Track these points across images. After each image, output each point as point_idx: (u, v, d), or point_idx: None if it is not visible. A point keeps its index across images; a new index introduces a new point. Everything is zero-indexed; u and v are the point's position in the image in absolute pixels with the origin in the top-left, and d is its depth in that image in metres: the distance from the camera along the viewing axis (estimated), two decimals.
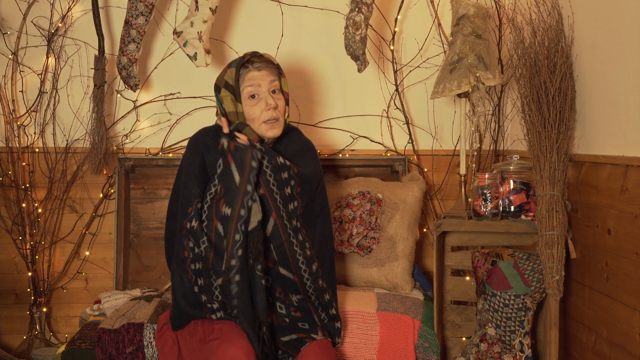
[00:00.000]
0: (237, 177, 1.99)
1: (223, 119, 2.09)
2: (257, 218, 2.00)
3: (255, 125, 2.09)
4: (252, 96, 2.08)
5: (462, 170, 2.64)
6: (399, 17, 2.97)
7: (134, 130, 2.99)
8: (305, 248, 2.13)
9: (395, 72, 2.99)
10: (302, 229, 2.14)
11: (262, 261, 2.00)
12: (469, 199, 2.54)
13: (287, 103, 2.16)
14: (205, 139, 2.13)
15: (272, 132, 2.10)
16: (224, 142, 2.02)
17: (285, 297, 2.10)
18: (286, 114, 2.16)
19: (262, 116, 2.08)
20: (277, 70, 2.13)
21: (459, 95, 2.60)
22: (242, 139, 2.03)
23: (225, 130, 2.06)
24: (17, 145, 2.93)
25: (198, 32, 2.58)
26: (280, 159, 2.08)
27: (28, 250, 2.91)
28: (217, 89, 2.11)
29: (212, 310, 2.04)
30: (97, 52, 2.80)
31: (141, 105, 2.98)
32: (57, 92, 2.95)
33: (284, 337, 2.04)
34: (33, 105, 2.94)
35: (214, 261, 2.00)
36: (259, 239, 2.01)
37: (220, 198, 2.00)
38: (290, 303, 2.10)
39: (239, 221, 1.97)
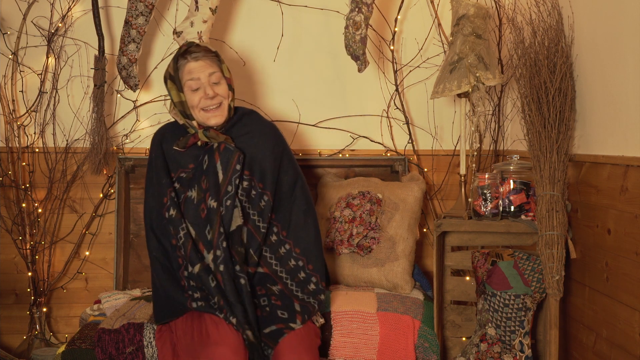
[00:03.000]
0: (220, 176, 2.12)
1: None
2: (237, 223, 2.13)
3: (195, 112, 2.21)
4: (195, 89, 2.19)
5: (462, 170, 2.64)
6: (399, 17, 2.97)
7: (134, 130, 2.99)
8: (271, 234, 2.21)
9: (395, 72, 2.99)
10: (271, 213, 2.22)
11: (241, 263, 2.10)
12: (469, 199, 2.54)
13: (231, 88, 2.23)
14: (163, 132, 2.30)
15: (213, 120, 2.21)
16: (215, 144, 2.17)
17: (266, 290, 2.15)
18: (230, 99, 2.23)
19: (201, 103, 2.19)
20: (216, 58, 2.22)
21: (459, 95, 2.60)
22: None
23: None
24: (17, 145, 2.93)
25: (198, 32, 2.58)
26: (237, 167, 2.17)
27: (28, 250, 2.91)
28: (165, 81, 2.23)
29: (192, 298, 2.07)
30: (97, 52, 2.81)
31: (141, 105, 2.98)
32: (57, 92, 2.95)
33: (265, 329, 2.06)
34: (33, 105, 2.94)
35: (192, 249, 2.08)
36: (238, 243, 2.13)
37: (207, 190, 2.11)
38: (272, 293, 2.15)
39: (222, 217, 2.10)
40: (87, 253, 3.01)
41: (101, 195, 2.99)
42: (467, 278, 2.58)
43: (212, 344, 1.95)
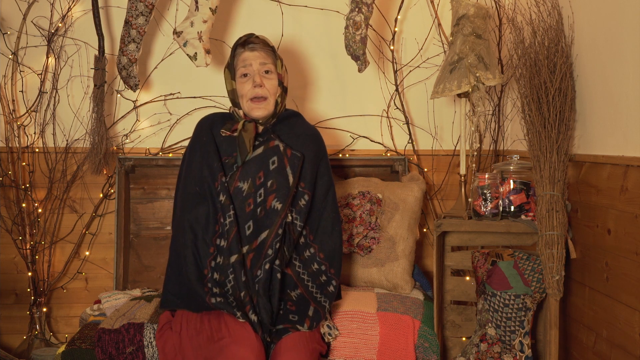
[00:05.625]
0: (291, 179, 2.16)
1: None
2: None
3: (243, 102, 2.24)
4: (244, 75, 2.24)
5: (462, 170, 2.64)
6: (399, 17, 2.97)
7: (134, 130, 2.99)
8: (300, 236, 2.21)
9: (395, 72, 2.99)
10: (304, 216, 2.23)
11: (280, 257, 2.13)
12: (469, 199, 2.54)
13: (281, 85, 2.26)
14: (212, 118, 2.33)
15: (256, 112, 2.23)
16: (280, 145, 2.21)
17: (285, 295, 2.15)
18: (278, 95, 2.25)
19: (249, 93, 2.22)
20: (271, 52, 2.26)
21: (459, 95, 2.60)
22: None
23: None
24: (17, 145, 2.93)
25: (198, 32, 2.58)
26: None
27: (28, 250, 2.91)
28: (224, 70, 2.30)
29: (212, 293, 2.07)
30: (97, 52, 2.81)
31: (141, 105, 2.98)
32: (57, 92, 2.95)
33: (275, 326, 2.08)
34: (33, 105, 2.94)
35: (234, 238, 2.09)
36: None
37: (272, 192, 2.14)
38: (290, 299, 2.15)
39: (285, 218, 2.13)
40: (87, 253, 3.01)
41: (101, 195, 2.99)
42: (467, 278, 2.58)
43: (234, 344, 1.93)
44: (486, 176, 2.47)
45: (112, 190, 2.97)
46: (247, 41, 2.26)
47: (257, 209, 2.16)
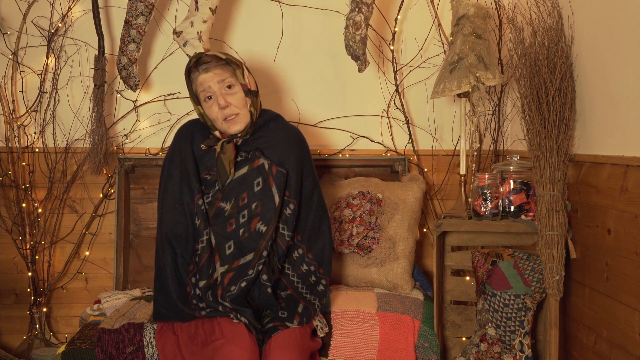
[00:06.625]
0: (277, 199, 2.11)
1: None
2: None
3: (217, 124, 2.18)
4: (209, 97, 2.16)
5: (462, 170, 2.64)
6: (399, 17, 2.97)
7: (134, 130, 2.99)
8: (288, 239, 2.20)
9: (395, 72, 2.99)
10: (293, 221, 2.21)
11: (269, 272, 2.11)
12: (469, 199, 2.54)
13: (249, 93, 2.17)
14: (192, 130, 2.24)
15: (233, 127, 2.16)
16: (265, 163, 2.14)
17: (276, 296, 2.16)
18: (250, 105, 2.18)
19: (219, 115, 2.15)
20: (226, 64, 2.16)
21: (459, 95, 2.60)
22: None
23: None
24: (17, 145, 2.93)
25: (198, 32, 2.58)
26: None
27: (28, 250, 2.91)
28: (189, 96, 2.21)
29: (199, 308, 2.08)
30: (97, 52, 2.81)
31: (141, 105, 2.98)
32: (57, 92, 2.95)
33: (264, 326, 2.09)
34: (33, 105, 2.94)
35: (205, 263, 2.07)
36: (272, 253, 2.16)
37: (257, 215, 2.10)
38: (280, 297, 2.16)
39: (270, 240, 2.10)
40: (87, 253, 3.01)
41: (101, 195, 2.99)
42: (467, 278, 2.58)
43: (228, 344, 1.94)
44: (486, 176, 2.47)
45: (112, 190, 2.97)
46: (199, 62, 2.14)
47: (239, 230, 2.12)
